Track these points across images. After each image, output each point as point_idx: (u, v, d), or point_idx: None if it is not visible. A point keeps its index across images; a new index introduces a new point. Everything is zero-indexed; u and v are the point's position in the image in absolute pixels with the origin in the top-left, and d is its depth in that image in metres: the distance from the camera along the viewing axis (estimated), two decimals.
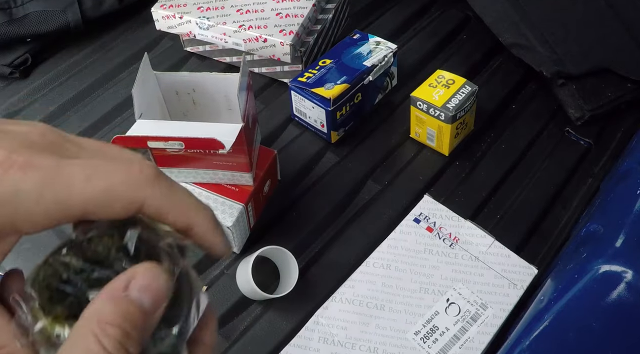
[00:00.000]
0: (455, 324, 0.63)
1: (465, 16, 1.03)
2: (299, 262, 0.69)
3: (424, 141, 0.83)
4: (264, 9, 0.90)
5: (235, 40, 0.89)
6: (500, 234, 0.70)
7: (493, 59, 0.97)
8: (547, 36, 0.85)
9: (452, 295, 0.65)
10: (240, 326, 0.68)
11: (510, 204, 0.78)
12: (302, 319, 0.66)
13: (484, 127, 0.86)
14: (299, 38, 0.87)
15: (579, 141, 0.85)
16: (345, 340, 0.63)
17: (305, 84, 0.80)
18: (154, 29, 0.95)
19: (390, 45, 0.86)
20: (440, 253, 0.68)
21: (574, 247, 0.65)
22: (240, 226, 0.70)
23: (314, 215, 0.76)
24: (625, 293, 0.51)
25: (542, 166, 0.82)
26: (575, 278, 0.55)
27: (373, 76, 0.83)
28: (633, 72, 0.84)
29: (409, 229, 0.71)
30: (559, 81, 0.85)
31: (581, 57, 0.84)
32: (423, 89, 0.79)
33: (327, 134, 0.83)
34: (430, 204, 0.73)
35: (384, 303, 0.65)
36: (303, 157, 0.83)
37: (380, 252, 0.69)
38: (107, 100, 0.92)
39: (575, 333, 0.53)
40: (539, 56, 0.85)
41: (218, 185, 0.70)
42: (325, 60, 0.84)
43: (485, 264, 0.67)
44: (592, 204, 0.75)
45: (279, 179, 0.80)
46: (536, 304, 0.60)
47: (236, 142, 0.62)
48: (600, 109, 0.84)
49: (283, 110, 0.88)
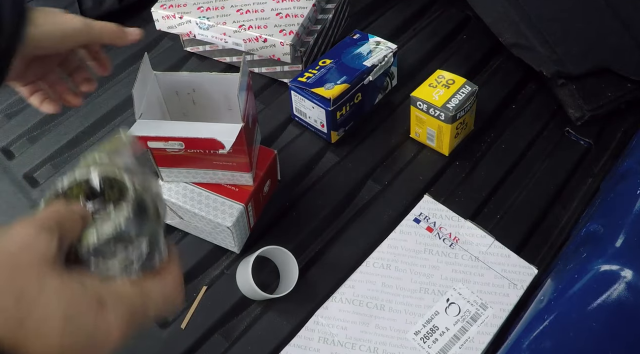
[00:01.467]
0: (455, 324, 0.63)
1: (465, 16, 1.03)
2: (299, 263, 0.69)
3: (424, 141, 0.83)
4: (264, 9, 0.90)
5: (235, 40, 0.89)
6: (500, 234, 0.70)
7: (493, 59, 0.97)
8: (547, 36, 0.85)
9: (452, 295, 0.65)
10: (240, 326, 0.68)
11: (510, 204, 0.78)
12: (302, 319, 0.66)
13: (484, 127, 0.86)
14: (299, 38, 0.87)
15: (579, 141, 0.85)
16: (345, 340, 0.63)
17: (305, 84, 0.80)
18: (154, 29, 0.95)
19: (390, 45, 0.86)
20: (440, 253, 0.68)
21: (574, 247, 0.65)
22: (240, 226, 0.70)
23: (314, 215, 0.76)
24: (625, 292, 0.51)
25: (542, 166, 0.82)
26: (575, 278, 0.55)
27: (373, 76, 0.83)
28: (633, 72, 0.84)
29: (409, 229, 0.71)
30: (559, 81, 0.85)
31: (581, 57, 0.84)
32: (423, 89, 0.79)
33: (327, 134, 0.83)
34: (430, 204, 0.73)
35: (384, 303, 0.65)
36: (303, 157, 0.83)
37: (380, 252, 0.69)
38: (108, 100, 0.92)
39: (575, 333, 0.53)
40: (539, 56, 0.85)
41: (218, 185, 0.70)
42: (325, 60, 0.84)
43: (485, 264, 0.67)
44: (592, 204, 0.75)
45: (279, 179, 0.80)
46: (536, 304, 0.60)
47: (236, 142, 0.62)
48: (600, 109, 0.84)
49: (283, 110, 0.88)
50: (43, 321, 0.29)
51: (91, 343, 0.31)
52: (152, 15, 0.93)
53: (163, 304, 0.36)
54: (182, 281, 0.38)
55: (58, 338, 0.29)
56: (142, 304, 0.34)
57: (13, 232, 0.31)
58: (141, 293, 0.35)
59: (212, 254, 0.73)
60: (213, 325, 0.67)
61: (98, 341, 0.31)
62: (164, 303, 0.36)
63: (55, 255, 0.31)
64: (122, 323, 0.32)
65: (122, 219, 0.34)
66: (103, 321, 0.31)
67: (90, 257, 0.34)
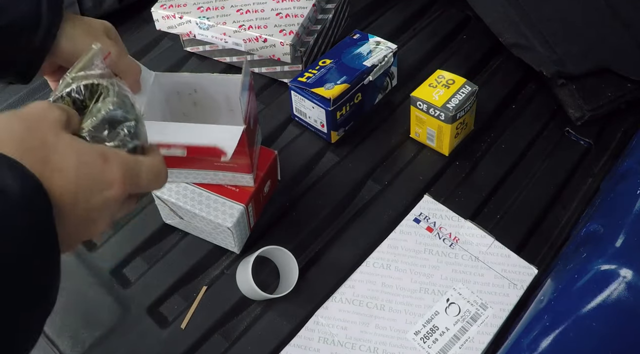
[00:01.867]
0: (455, 324, 0.63)
1: (465, 16, 1.03)
2: (299, 263, 0.69)
3: (424, 141, 0.83)
4: (264, 9, 0.90)
5: (235, 40, 0.89)
6: (500, 234, 0.70)
7: (493, 59, 0.97)
8: (547, 36, 0.85)
9: (452, 295, 0.65)
10: (240, 326, 0.68)
11: (510, 204, 0.78)
12: (302, 319, 0.66)
13: (484, 127, 0.86)
14: (299, 38, 0.87)
15: (579, 141, 0.85)
16: (345, 340, 0.63)
17: (305, 84, 0.80)
18: (154, 29, 0.95)
19: (390, 45, 0.86)
20: (440, 253, 0.68)
21: (574, 247, 0.65)
22: (241, 226, 0.70)
23: (314, 215, 0.76)
24: (625, 292, 0.51)
25: (542, 166, 0.82)
26: (575, 278, 0.55)
27: (373, 76, 0.83)
28: (633, 72, 0.84)
29: (409, 229, 0.71)
30: (559, 81, 0.85)
31: (581, 57, 0.84)
32: (423, 89, 0.79)
33: (327, 134, 0.83)
34: (430, 204, 0.73)
35: (384, 303, 0.65)
36: (303, 157, 0.83)
37: (380, 252, 0.69)
38: None
39: (575, 333, 0.53)
40: (539, 56, 0.85)
41: (219, 185, 0.70)
42: (325, 60, 0.84)
43: (485, 264, 0.67)
44: (592, 204, 0.75)
45: (279, 179, 0.80)
46: (536, 304, 0.60)
47: (238, 144, 0.62)
48: (600, 109, 0.84)
49: (283, 110, 0.88)
50: (62, 160, 0.36)
51: (98, 188, 0.37)
52: (152, 15, 0.93)
53: (152, 174, 0.43)
54: (165, 163, 0.45)
55: (74, 176, 0.36)
56: (136, 168, 0.41)
57: (30, 105, 0.38)
58: (135, 159, 0.41)
59: (212, 254, 0.73)
60: (213, 325, 0.67)
61: (104, 187, 0.38)
62: (153, 173, 0.43)
63: (65, 124, 0.38)
64: (122, 178, 0.38)
65: (109, 105, 0.41)
66: (108, 171, 0.38)
67: (89, 141, 0.41)
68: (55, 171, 0.35)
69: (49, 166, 0.35)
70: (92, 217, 0.38)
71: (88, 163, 0.37)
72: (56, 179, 0.35)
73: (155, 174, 0.43)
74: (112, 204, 0.39)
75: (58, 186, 0.35)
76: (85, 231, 0.38)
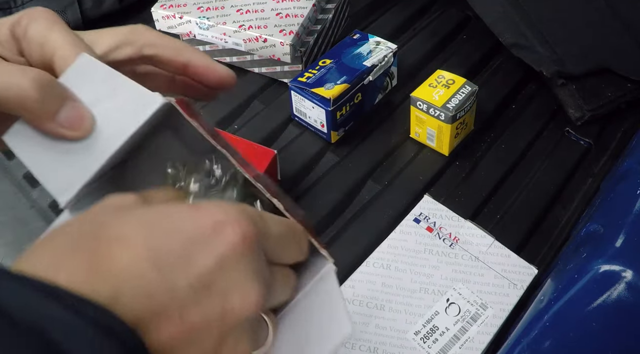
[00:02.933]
0: (455, 324, 0.63)
1: (465, 16, 1.03)
2: None
3: (424, 141, 0.83)
4: (264, 9, 0.90)
5: (235, 40, 0.89)
6: (500, 234, 0.70)
7: (493, 59, 0.97)
8: (547, 36, 0.85)
9: (452, 295, 0.65)
10: None
11: (510, 204, 0.78)
12: None
13: (484, 127, 0.86)
14: (299, 38, 0.87)
15: (579, 141, 0.85)
16: None
17: (305, 84, 0.80)
18: (154, 29, 0.95)
19: (390, 45, 0.86)
20: (440, 253, 0.68)
21: (574, 247, 0.65)
22: None
23: (314, 215, 0.76)
24: (625, 292, 0.51)
25: (542, 166, 0.82)
26: (575, 278, 0.55)
27: (373, 76, 0.83)
28: (633, 72, 0.84)
29: (409, 229, 0.71)
30: (559, 81, 0.85)
31: (581, 57, 0.84)
32: (423, 89, 0.79)
33: (327, 134, 0.83)
34: (430, 204, 0.73)
35: (384, 303, 0.65)
36: (303, 157, 0.83)
37: (380, 252, 0.69)
38: None
39: (575, 333, 0.53)
40: (539, 56, 0.85)
41: None
42: (325, 60, 0.84)
43: (485, 264, 0.67)
44: (592, 204, 0.75)
45: (279, 179, 0.80)
46: (536, 304, 0.60)
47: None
48: (600, 109, 0.84)
49: (283, 110, 0.88)
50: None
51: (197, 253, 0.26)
52: (152, 15, 0.93)
53: (284, 227, 0.31)
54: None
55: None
56: (258, 214, 0.29)
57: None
58: (260, 212, 0.30)
59: None
60: None
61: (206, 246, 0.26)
62: (285, 226, 0.31)
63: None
64: (236, 219, 0.27)
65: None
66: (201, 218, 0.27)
67: None
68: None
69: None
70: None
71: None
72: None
73: (287, 226, 0.31)
74: (232, 266, 0.26)
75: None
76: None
